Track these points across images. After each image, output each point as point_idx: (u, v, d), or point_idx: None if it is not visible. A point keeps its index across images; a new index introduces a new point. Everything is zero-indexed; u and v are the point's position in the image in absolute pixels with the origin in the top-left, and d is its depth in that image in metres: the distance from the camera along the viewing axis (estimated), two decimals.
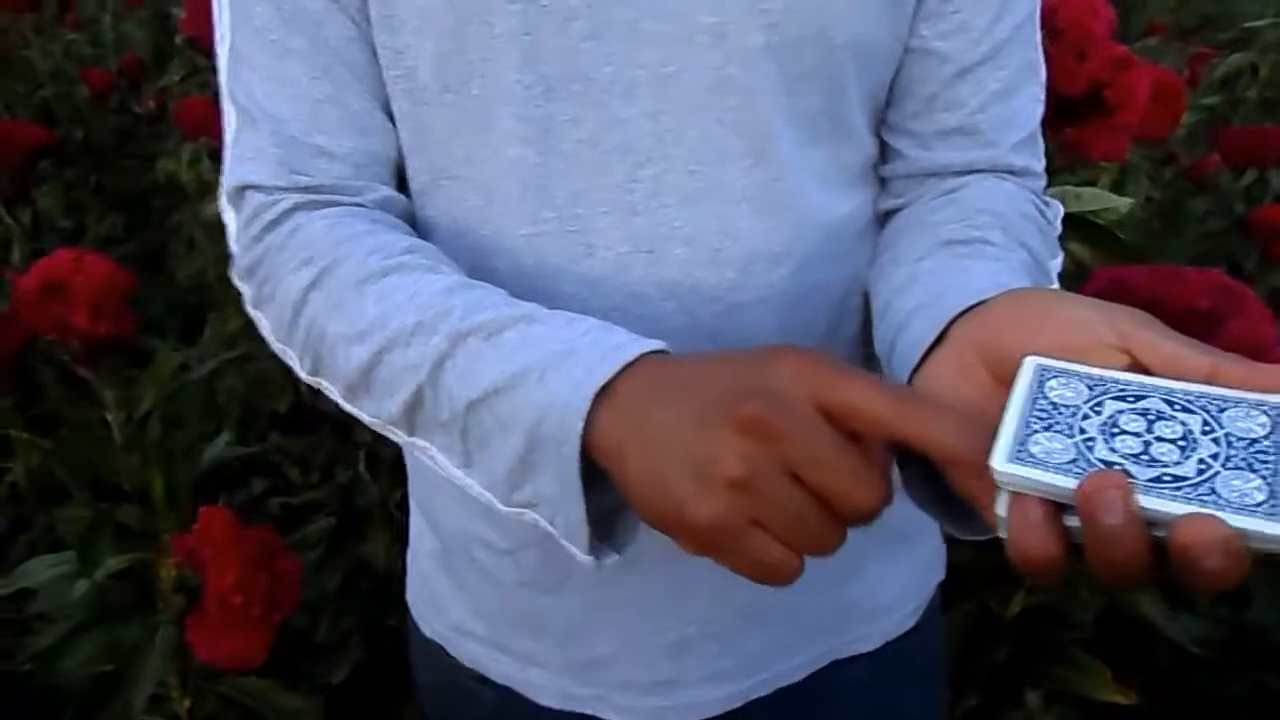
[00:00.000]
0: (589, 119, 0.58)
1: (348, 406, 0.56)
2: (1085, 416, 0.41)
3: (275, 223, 0.60)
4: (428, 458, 0.54)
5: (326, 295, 0.56)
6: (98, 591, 0.99)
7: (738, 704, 0.70)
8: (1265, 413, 0.40)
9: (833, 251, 0.64)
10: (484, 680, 0.73)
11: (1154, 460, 0.39)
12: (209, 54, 1.98)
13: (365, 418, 0.56)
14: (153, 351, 1.44)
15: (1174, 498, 0.38)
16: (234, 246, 0.62)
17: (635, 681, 0.69)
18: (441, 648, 0.76)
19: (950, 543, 0.79)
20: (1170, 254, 1.83)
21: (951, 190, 0.63)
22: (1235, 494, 0.38)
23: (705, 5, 0.55)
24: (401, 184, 0.64)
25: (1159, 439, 0.40)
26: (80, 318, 0.87)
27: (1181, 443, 0.40)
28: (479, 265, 0.61)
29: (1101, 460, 0.39)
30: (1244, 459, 0.39)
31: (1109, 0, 0.98)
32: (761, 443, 0.41)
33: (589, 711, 0.70)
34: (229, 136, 0.62)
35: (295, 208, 0.60)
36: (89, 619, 0.99)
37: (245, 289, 0.61)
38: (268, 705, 1.11)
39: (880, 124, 0.65)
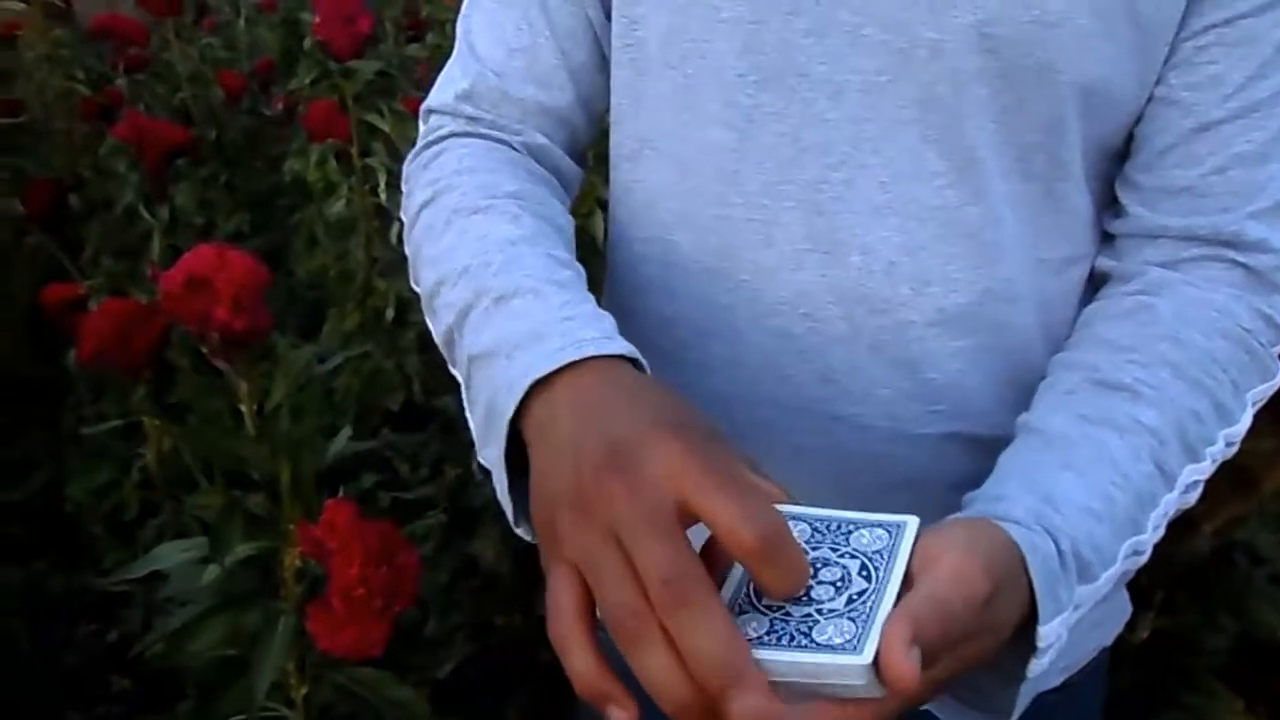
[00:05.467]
0: (793, 114, 0.59)
1: (428, 319, 0.61)
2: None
3: (432, 144, 0.67)
4: None
5: (431, 216, 0.62)
6: (225, 577, 1.02)
7: None
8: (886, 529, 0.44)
9: (1025, 292, 0.61)
10: None
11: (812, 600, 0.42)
12: (338, 58, 2.04)
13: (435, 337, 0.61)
14: (273, 346, 1.49)
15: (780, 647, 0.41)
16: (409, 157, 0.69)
17: None
18: None
19: None
20: None
21: (1145, 292, 0.59)
22: (825, 636, 0.41)
23: (928, 21, 0.55)
24: (571, 141, 0.69)
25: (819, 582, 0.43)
26: (222, 311, 0.90)
27: (839, 583, 0.43)
28: (664, 235, 0.65)
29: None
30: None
31: None
32: (598, 526, 0.42)
33: None
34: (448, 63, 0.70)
35: (452, 134, 0.67)
36: (215, 604, 1.02)
37: (403, 196, 0.68)
38: (380, 696, 1.13)
39: (1113, 174, 0.62)
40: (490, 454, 0.52)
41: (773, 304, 0.61)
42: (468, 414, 0.55)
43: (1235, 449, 0.58)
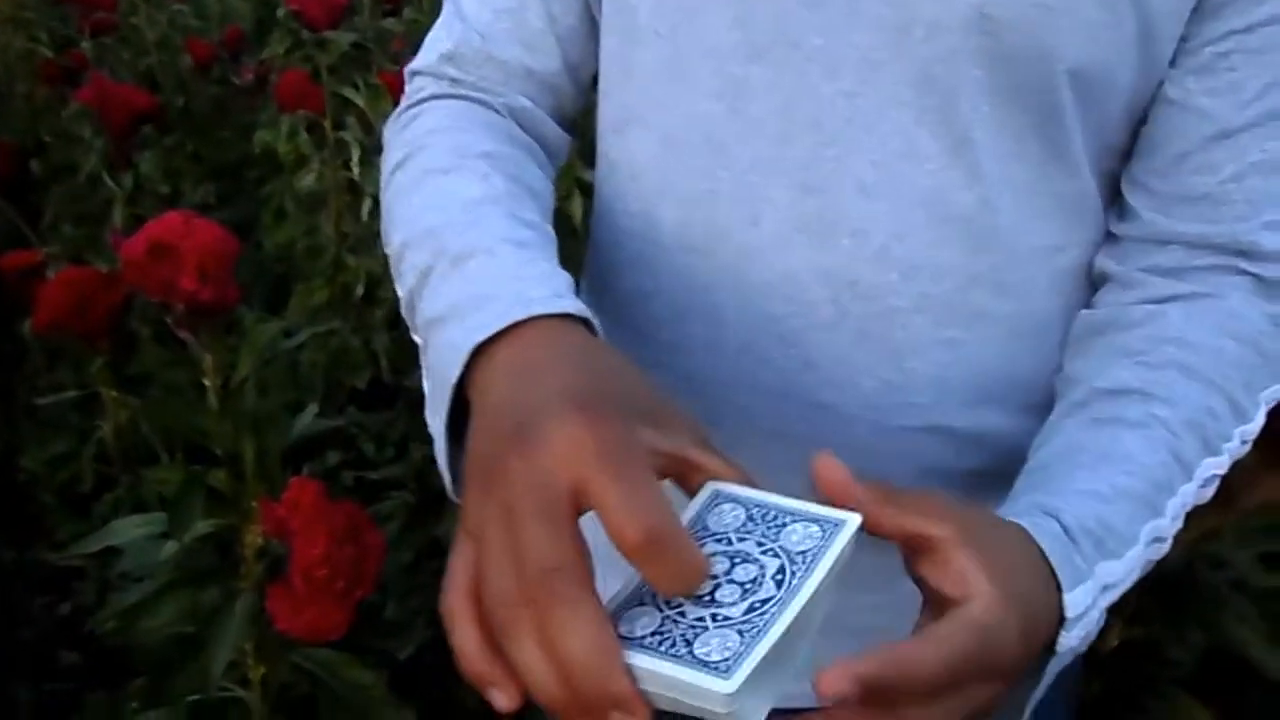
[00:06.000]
0: (786, 87, 0.57)
1: (395, 283, 0.59)
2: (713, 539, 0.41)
3: (412, 106, 0.66)
4: None
5: (403, 177, 0.60)
6: (183, 554, 1.00)
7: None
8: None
9: (1016, 281, 0.60)
10: None
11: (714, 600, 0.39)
12: (313, 28, 2.00)
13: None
14: (239, 319, 1.46)
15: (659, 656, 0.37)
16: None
17: None
18: None
19: None
20: None
21: (1152, 300, 0.58)
22: (707, 649, 0.37)
23: None
24: (557, 106, 0.67)
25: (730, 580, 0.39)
26: (187, 281, 0.88)
27: (748, 585, 0.39)
28: (648, 210, 0.63)
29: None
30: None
31: None
32: (493, 502, 0.40)
33: None
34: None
35: (433, 96, 0.65)
36: (173, 581, 1.00)
37: (382, 159, 0.66)
38: (338, 677, 1.11)
39: (1117, 170, 0.61)
40: (435, 422, 0.49)
41: (758, 286, 0.60)
42: (424, 382, 0.53)
43: (1249, 448, 0.57)
